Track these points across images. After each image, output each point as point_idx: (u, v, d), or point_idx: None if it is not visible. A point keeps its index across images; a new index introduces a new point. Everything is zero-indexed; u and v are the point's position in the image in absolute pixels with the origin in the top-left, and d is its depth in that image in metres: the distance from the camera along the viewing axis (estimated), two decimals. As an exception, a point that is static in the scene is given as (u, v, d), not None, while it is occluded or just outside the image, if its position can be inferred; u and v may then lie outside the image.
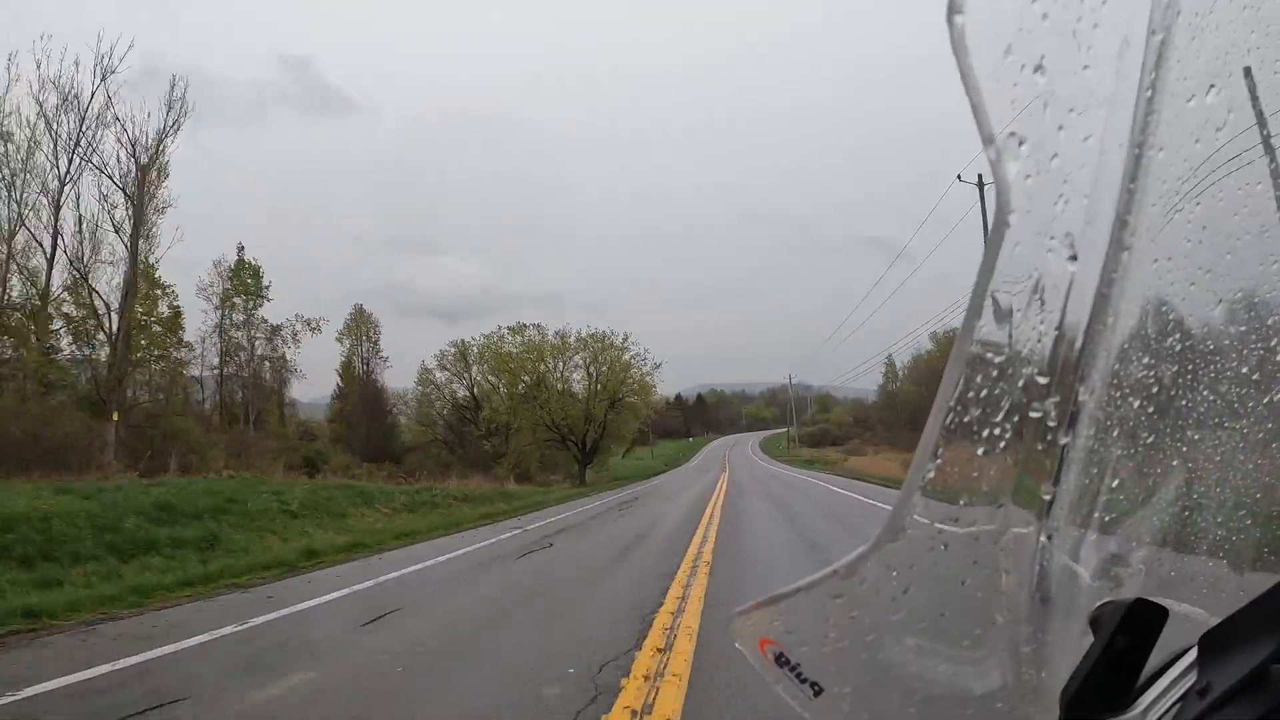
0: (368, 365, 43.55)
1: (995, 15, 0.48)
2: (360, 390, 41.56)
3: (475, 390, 45.60)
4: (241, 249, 34.50)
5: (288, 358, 35.83)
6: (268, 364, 35.26)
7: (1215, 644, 0.52)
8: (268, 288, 34.78)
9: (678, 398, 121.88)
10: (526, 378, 41.75)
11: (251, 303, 34.56)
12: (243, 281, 34.25)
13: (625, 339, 43.07)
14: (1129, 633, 0.56)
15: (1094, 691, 0.56)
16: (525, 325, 44.13)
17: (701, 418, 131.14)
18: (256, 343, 34.70)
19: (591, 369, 42.85)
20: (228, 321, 33.79)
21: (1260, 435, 0.60)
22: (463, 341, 46.37)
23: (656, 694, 3.35)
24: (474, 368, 45.50)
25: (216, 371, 33.22)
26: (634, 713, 3.11)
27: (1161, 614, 0.57)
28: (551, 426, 39.86)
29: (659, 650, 4.08)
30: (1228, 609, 0.52)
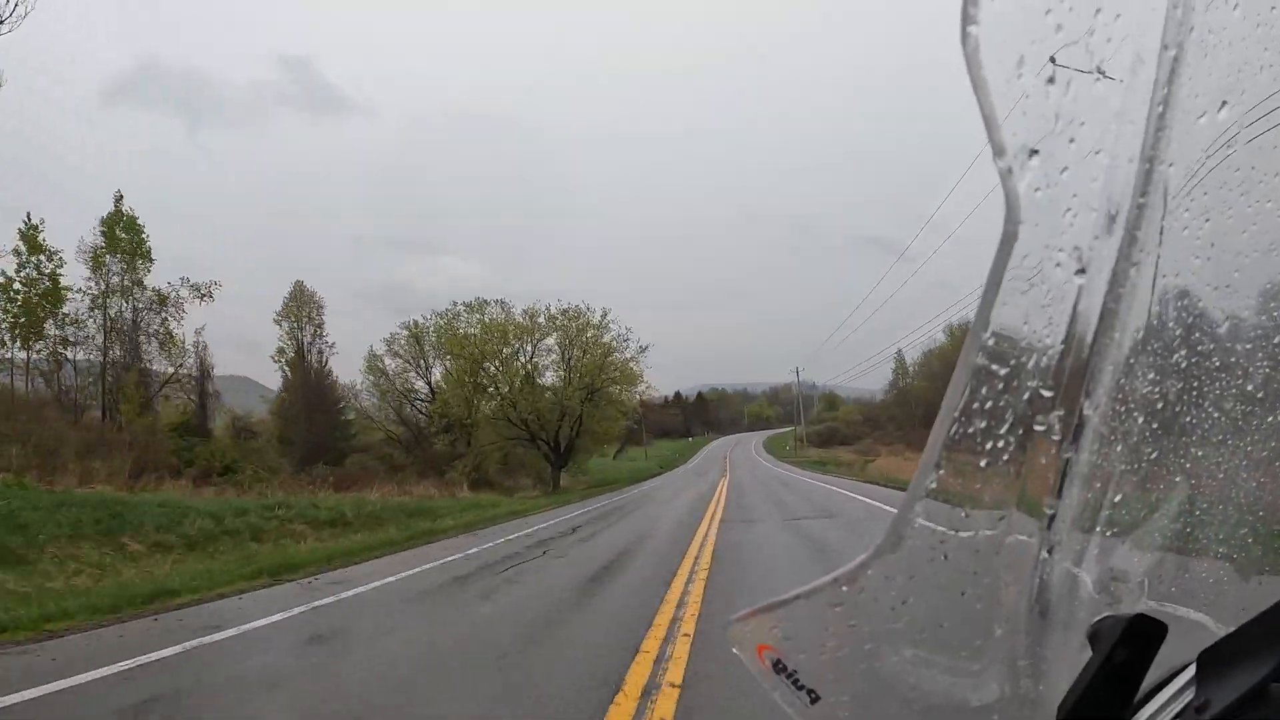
0: (315, 352, 41.47)
1: (1009, 27, 0.56)
2: (301, 380, 39.79)
3: (433, 380, 43.98)
4: (120, 198, 30.70)
5: (174, 333, 32.39)
6: (154, 340, 32.12)
7: (1215, 661, 0.60)
8: (147, 239, 30.76)
9: (677, 396, 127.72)
10: (490, 364, 40.00)
11: (134, 266, 30.62)
12: (115, 238, 30.32)
13: (604, 316, 41.26)
14: (1128, 647, 0.64)
15: (1091, 706, 0.65)
16: (486, 302, 42.30)
17: (702, 417, 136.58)
18: (140, 314, 31.26)
19: (566, 353, 40.99)
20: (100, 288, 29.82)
21: (1264, 453, 0.68)
22: (415, 323, 44.39)
23: None
24: (430, 353, 43.81)
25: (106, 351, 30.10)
26: None
27: (1161, 629, 0.65)
28: (518, 422, 38.44)
29: None
30: (1228, 626, 0.61)
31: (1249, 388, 0.67)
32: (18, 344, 25.19)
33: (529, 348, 41.81)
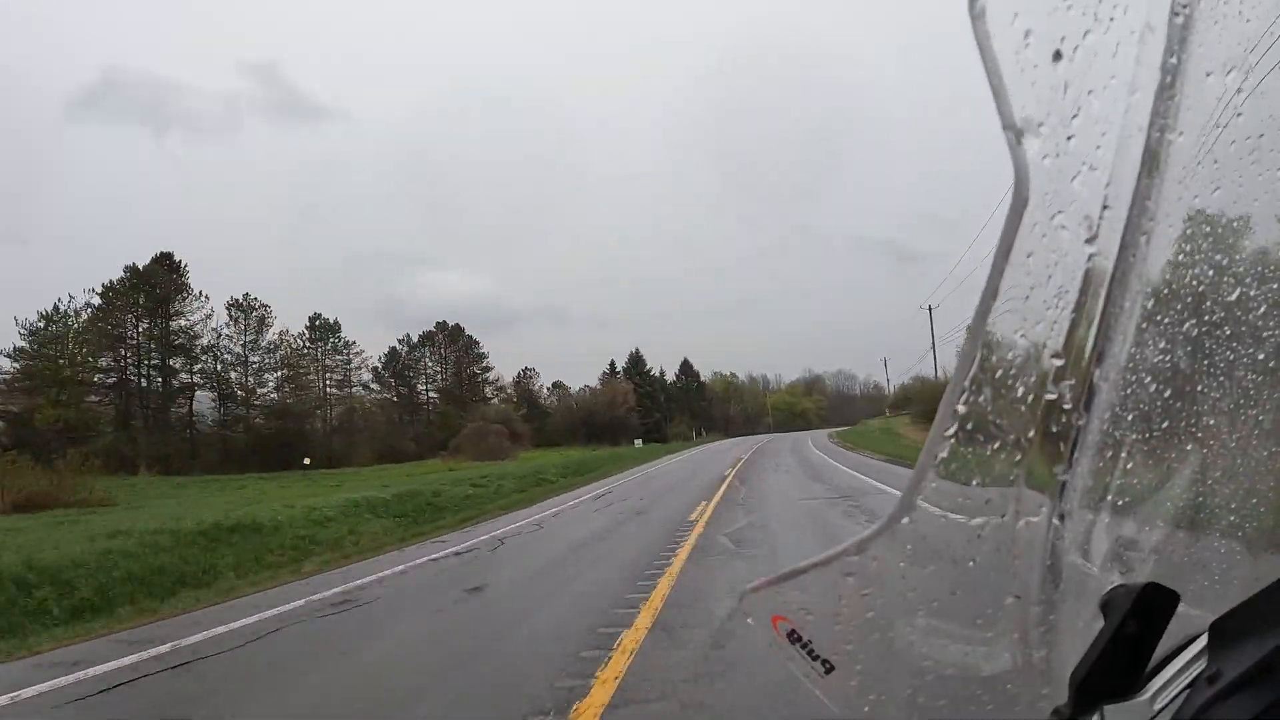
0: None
1: (1016, 1, 0.55)
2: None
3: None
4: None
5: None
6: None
7: (1226, 631, 0.60)
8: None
9: (635, 364, 76.25)
10: None
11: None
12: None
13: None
14: (1140, 617, 0.64)
15: (1103, 675, 0.64)
16: None
17: (694, 408, 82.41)
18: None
19: None
20: None
21: (1276, 422, 0.68)
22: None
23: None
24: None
25: None
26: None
27: (1173, 599, 0.65)
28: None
29: None
30: (1239, 597, 0.60)
31: (1260, 356, 0.66)
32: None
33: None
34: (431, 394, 69.18)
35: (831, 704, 0.64)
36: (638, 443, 53.76)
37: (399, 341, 69.35)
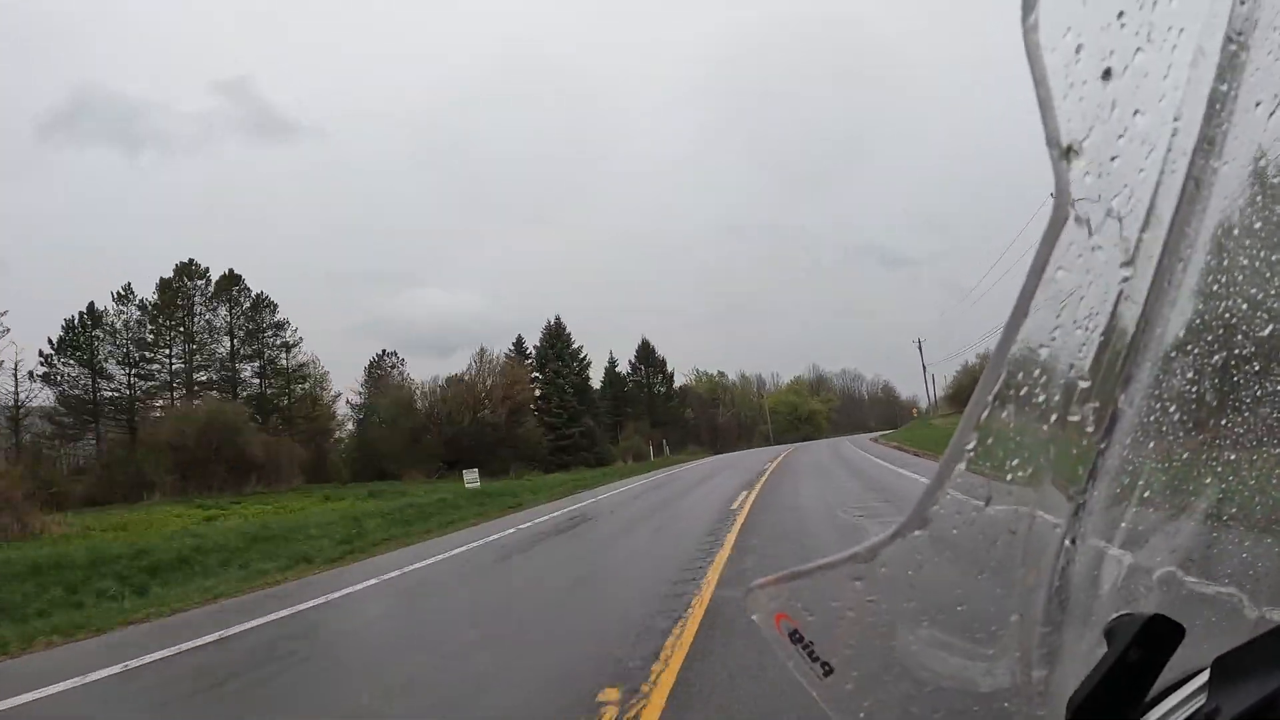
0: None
1: (1070, 13, 0.55)
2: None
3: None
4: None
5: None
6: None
7: (1228, 668, 0.59)
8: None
9: (553, 339, 51.21)
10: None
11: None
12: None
13: None
14: (1143, 647, 0.63)
15: (1102, 703, 0.64)
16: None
17: (658, 411, 61.02)
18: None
19: None
20: None
21: None
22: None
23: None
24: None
25: None
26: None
27: (1178, 632, 0.64)
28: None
29: None
30: (1245, 635, 0.60)
31: None
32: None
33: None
34: (179, 389, 39.66)
35: (826, 706, 0.63)
36: (470, 478, 24.05)
37: (115, 297, 38.55)
